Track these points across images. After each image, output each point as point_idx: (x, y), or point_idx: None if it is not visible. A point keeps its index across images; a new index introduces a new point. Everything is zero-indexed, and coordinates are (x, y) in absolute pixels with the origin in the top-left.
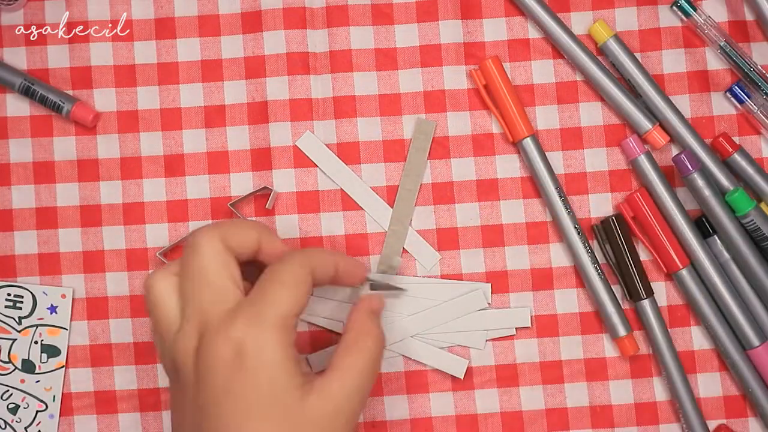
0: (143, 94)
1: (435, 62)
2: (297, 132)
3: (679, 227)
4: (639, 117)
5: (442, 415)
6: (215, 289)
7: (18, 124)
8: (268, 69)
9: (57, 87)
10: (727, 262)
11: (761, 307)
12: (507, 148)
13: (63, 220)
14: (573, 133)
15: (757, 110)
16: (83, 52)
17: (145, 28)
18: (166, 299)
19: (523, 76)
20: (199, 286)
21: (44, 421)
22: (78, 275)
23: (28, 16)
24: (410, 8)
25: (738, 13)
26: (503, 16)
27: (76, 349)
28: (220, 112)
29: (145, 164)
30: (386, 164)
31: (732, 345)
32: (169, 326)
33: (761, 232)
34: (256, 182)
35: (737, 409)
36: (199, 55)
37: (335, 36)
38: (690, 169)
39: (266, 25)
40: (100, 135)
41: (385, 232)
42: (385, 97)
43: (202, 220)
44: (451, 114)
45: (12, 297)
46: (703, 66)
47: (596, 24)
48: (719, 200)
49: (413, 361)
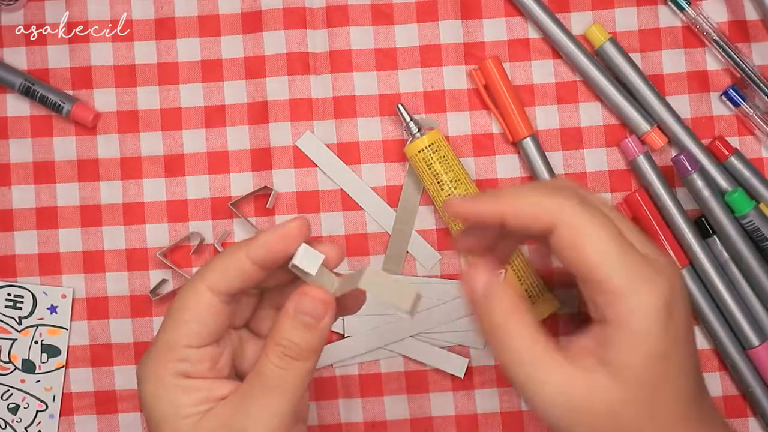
0: (143, 94)
1: (435, 62)
2: (297, 132)
3: (678, 227)
4: (637, 118)
5: (442, 415)
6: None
7: (18, 124)
8: (268, 69)
9: (57, 87)
10: (727, 262)
11: (761, 307)
12: (507, 148)
13: (63, 220)
14: (573, 133)
15: (753, 113)
16: (83, 52)
17: (145, 28)
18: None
19: (523, 76)
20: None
21: (44, 421)
22: (78, 275)
23: (28, 16)
24: (410, 8)
25: (738, 13)
26: (503, 16)
27: (76, 349)
28: (220, 112)
29: (145, 164)
30: (386, 164)
31: (732, 345)
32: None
33: (761, 232)
34: (256, 182)
35: (737, 408)
36: (199, 55)
37: (335, 36)
38: (689, 169)
39: (266, 25)
40: (100, 135)
41: (386, 232)
42: (385, 97)
43: (202, 220)
44: (451, 114)
45: (12, 297)
46: (703, 66)
47: (592, 27)
48: (719, 201)
49: (413, 361)
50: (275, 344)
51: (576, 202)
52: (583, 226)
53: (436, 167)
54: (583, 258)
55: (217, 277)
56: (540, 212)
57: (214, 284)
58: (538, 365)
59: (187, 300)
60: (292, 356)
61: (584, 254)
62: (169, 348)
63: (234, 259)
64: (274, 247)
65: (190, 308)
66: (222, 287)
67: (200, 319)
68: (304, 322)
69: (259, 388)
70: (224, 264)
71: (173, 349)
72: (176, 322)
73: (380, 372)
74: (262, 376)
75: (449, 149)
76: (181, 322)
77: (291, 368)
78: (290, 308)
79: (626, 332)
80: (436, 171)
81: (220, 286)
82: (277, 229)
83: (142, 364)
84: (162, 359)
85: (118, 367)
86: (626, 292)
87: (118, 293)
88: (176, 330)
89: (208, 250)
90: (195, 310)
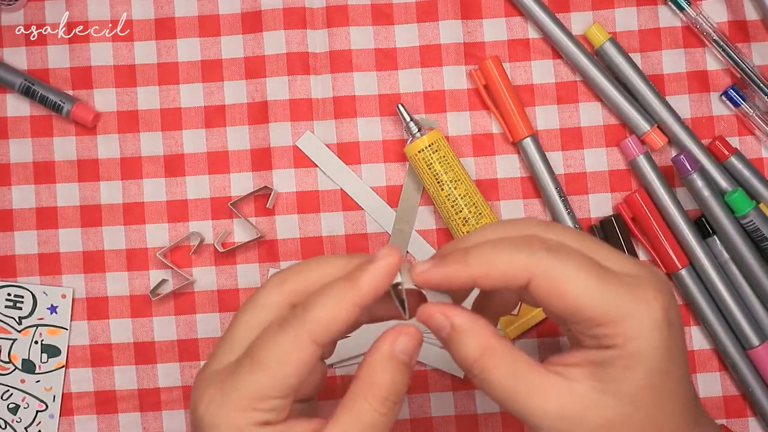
0: (143, 94)
1: (435, 62)
2: (297, 132)
3: (678, 228)
4: (637, 118)
5: (442, 415)
6: None
7: (18, 124)
8: (268, 69)
9: (57, 87)
10: (727, 262)
11: (761, 307)
12: (507, 148)
13: (63, 220)
14: (573, 133)
15: (753, 113)
16: (83, 52)
17: (145, 28)
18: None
19: (523, 76)
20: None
21: (44, 421)
22: (78, 275)
23: (28, 16)
24: (410, 8)
25: (738, 13)
26: (503, 16)
27: (76, 349)
28: (220, 112)
29: (145, 164)
30: (386, 164)
31: (732, 345)
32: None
33: (761, 232)
34: (256, 182)
35: (737, 408)
36: (199, 55)
37: (335, 36)
38: (689, 169)
39: (266, 25)
40: (100, 135)
41: (386, 232)
42: (385, 97)
43: (202, 220)
44: (451, 114)
45: (12, 297)
46: (703, 66)
47: (592, 27)
48: (719, 201)
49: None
50: (378, 389)
51: (545, 252)
52: (559, 273)
53: (436, 167)
54: (568, 303)
55: (324, 329)
56: (511, 271)
57: (319, 337)
58: (522, 392)
59: (289, 353)
60: (394, 400)
61: (568, 299)
62: (259, 398)
63: (340, 308)
64: (380, 287)
65: (291, 363)
66: (327, 340)
67: (302, 374)
68: (403, 362)
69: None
70: (330, 314)
71: (263, 400)
72: (272, 374)
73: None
74: (362, 423)
75: (449, 149)
76: (279, 375)
77: (391, 413)
78: (386, 349)
79: (627, 355)
80: (436, 171)
81: (325, 339)
82: (380, 267)
83: (216, 409)
84: (245, 408)
85: (118, 367)
86: (620, 320)
87: (118, 293)
88: (270, 380)
89: (209, 250)
90: (298, 366)
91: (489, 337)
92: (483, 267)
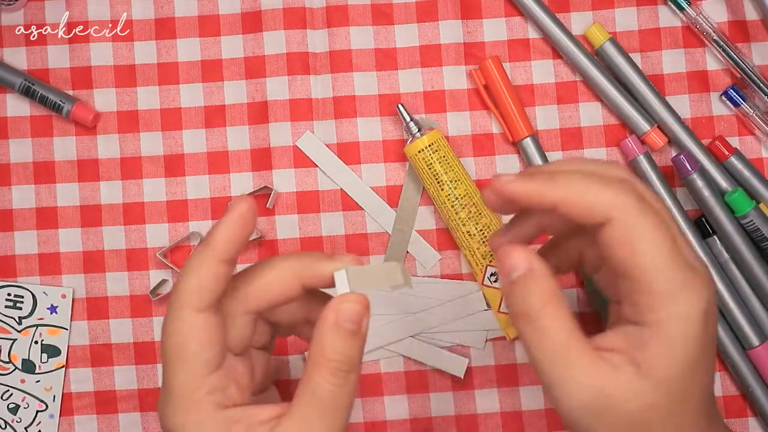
0: (143, 94)
1: (435, 62)
2: (297, 132)
3: (678, 227)
4: (637, 118)
5: (442, 415)
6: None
7: (18, 124)
8: (268, 69)
9: (57, 87)
10: (727, 262)
11: (761, 307)
12: (507, 148)
13: (63, 220)
14: (573, 133)
15: (753, 113)
16: (83, 52)
17: (145, 28)
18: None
19: (523, 76)
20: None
21: (44, 421)
22: (78, 275)
23: (28, 16)
24: (410, 8)
25: (738, 13)
26: (503, 16)
27: (76, 349)
28: (220, 112)
29: (145, 164)
30: (386, 164)
31: (732, 345)
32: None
33: (761, 232)
34: (256, 182)
35: (737, 408)
36: (199, 55)
37: (335, 36)
38: (689, 169)
39: (266, 25)
40: (100, 135)
41: (386, 232)
42: (385, 97)
43: (202, 220)
44: (451, 114)
45: (12, 297)
46: (703, 66)
47: (592, 27)
48: (719, 201)
49: (413, 361)
50: (326, 360)
51: (635, 200)
52: (640, 226)
53: (436, 167)
54: (636, 258)
55: (196, 294)
56: (597, 205)
57: (196, 303)
58: (571, 357)
59: (181, 331)
60: (346, 370)
61: (637, 254)
62: (194, 387)
63: (204, 268)
64: (236, 236)
65: (191, 338)
66: (205, 301)
67: (205, 343)
68: (349, 330)
69: (317, 409)
70: (196, 279)
71: (198, 387)
72: (184, 359)
73: (380, 372)
74: (318, 397)
75: (449, 149)
76: (189, 357)
77: (346, 383)
78: (331, 318)
79: (666, 337)
80: (436, 171)
81: (204, 301)
82: (230, 218)
83: (172, 416)
84: (192, 402)
85: (118, 367)
86: (671, 297)
87: (118, 293)
88: (189, 367)
89: None
90: (196, 337)
91: (557, 288)
92: (570, 192)
